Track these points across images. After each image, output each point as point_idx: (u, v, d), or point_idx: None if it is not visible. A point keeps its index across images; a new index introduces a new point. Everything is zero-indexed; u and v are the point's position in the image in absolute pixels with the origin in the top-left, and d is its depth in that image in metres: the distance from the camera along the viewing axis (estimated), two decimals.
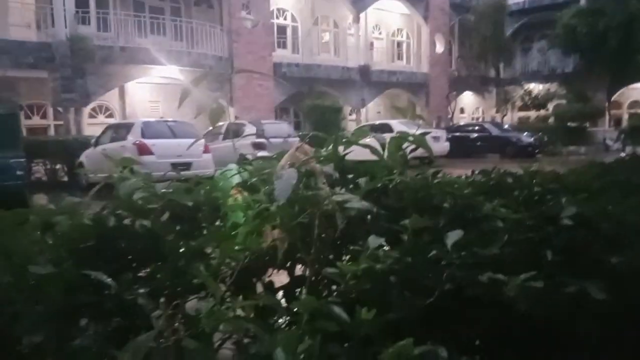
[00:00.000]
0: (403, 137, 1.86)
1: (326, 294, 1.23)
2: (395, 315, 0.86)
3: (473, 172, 1.77)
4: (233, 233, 1.26)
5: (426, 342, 1.05)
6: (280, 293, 1.42)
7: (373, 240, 1.01)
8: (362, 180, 1.37)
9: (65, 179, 15.83)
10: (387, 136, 1.82)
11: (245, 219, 1.20)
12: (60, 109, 17.70)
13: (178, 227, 1.53)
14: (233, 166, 1.60)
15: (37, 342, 0.93)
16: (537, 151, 22.64)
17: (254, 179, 1.38)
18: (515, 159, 20.36)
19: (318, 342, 0.67)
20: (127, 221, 1.45)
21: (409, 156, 1.74)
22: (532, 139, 23.12)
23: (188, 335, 0.80)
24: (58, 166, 16.07)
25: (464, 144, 22.60)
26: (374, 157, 1.74)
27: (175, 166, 12.63)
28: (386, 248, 1.47)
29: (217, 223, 1.51)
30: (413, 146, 1.86)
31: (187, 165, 12.78)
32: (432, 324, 1.03)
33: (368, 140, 1.76)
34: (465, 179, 1.59)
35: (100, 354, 0.87)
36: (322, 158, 1.49)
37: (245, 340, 0.97)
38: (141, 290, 0.97)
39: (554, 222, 1.20)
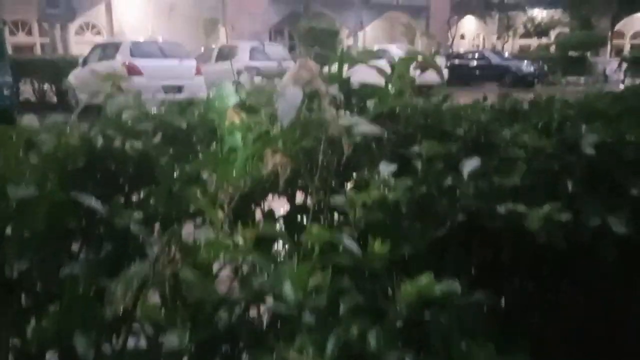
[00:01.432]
0: (412, 57, 1.75)
1: (329, 223, 1.17)
2: (409, 248, 0.80)
3: (485, 97, 1.67)
4: (231, 158, 1.18)
5: (438, 275, 1.00)
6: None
7: (384, 167, 0.93)
8: (369, 104, 1.27)
9: (55, 99, 15.48)
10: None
11: (244, 142, 1.11)
12: (45, 24, 16.99)
13: (171, 150, 1.44)
14: (229, 85, 1.48)
15: (23, 268, 0.87)
16: (536, 80, 22.28)
17: (253, 99, 1.27)
18: (514, 88, 20.08)
19: (329, 276, 0.61)
20: (117, 142, 1.36)
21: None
22: (532, 68, 22.69)
23: (185, 264, 0.73)
24: (46, 86, 15.66)
25: (463, 72, 22.15)
26: (378, 82, 1.63)
27: (166, 88, 12.32)
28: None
29: (213, 147, 1.42)
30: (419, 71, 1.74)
31: (178, 88, 12.47)
32: (444, 257, 0.98)
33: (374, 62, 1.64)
34: (478, 104, 1.49)
35: (91, 282, 0.80)
36: (326, 78, 1.38)
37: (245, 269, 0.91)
38: (134, 216, 0.90)
39: (575, 150, 1.12)
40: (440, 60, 20.48)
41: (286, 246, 0.90)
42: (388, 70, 1.76)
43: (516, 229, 0.90)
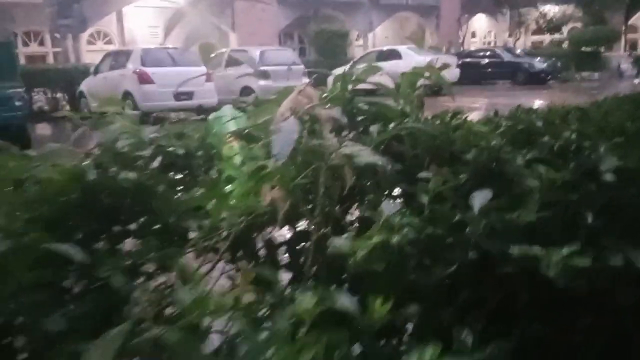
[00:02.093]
0: (417, 72, 1.69)
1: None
2: (414, 308, 0.73)
3: (496, 113, 1.60)
4: (228, 189, 1.12)
5: (447, 314, 0.93)
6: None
7: (387, 207, 0.86)
8: (373, 128, 1.21)
9: (67, 108, 15.60)
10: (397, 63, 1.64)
11: (241, 174, 1.05)
12: (57, 35, 17.15)
13: (169, 177, 1.39)
14: (228, 108, 1.43)
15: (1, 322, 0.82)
16: (549, 77, 21.99)
17: (251, 127, 1.22)
18: (527, 86, 19.83)
19: (323, 350, 0.55)
20: (112, 172, 1.31)
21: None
22: (544, 65, 22.38)
23: (170, 324, 0.68)
24: (59, 95, 15.81)
25: (475, 70, 21.90)
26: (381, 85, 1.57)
27: (177, 96, 12.36)
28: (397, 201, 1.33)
29: (213, 173, 1.37)
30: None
31: (189, 95, 12.50)
32: (452, 294, 0.91)
33: (379, 77, 1.58)
34: (488, 124, 1.42)
35: (74, 339, 0.75)
36: (328, 101, 1.32)
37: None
38: (118, 265, 0.84)
39: (595, 177, 1.05)
40: (452, 59, 20.33)
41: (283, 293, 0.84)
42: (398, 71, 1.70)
43: (531, 273, 0.83)
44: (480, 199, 0.92)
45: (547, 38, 29.78)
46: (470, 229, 0.88)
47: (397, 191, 1.19)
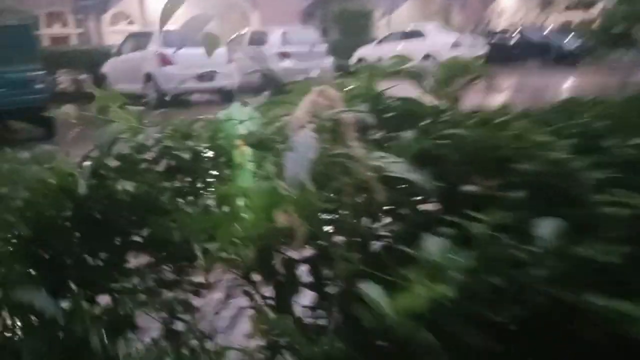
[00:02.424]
0: (454, 63, 1.51)
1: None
2: None
3: (543, 107, 1.39)
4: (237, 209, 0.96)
5: None
6: None
7: (431, 244, 0.69)
8: (407, 134, 1.03)
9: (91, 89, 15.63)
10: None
11: (250, 194, 0.89)
12: (79, 16, 17.15)
13: (174, 185, 1.23)
14: (237, 107, 1.25)
15: None
16: (579, 57, 21.20)
17: (265, 131, 1.05)
18: (557, 66, 19.17)
19: None
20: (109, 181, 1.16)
21: None
22: (574, 45, 21.55)
23: None
24: (83, 76, 15.84)
25: (503, 50, 21.21)
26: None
27: (199, 77, 12.23)
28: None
29: (221, 181, 1.21)
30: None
31: (210, 76, 12.35)
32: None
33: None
34: (542, 122, 1.21)
35: None
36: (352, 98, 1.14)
37: None
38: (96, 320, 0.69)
39: None
40: (478, 39, 19.70)
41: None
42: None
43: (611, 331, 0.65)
44: (548, 229, 0.73)
45: (577, 17, 28.66)
46: (535, 271, 0.70)
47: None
